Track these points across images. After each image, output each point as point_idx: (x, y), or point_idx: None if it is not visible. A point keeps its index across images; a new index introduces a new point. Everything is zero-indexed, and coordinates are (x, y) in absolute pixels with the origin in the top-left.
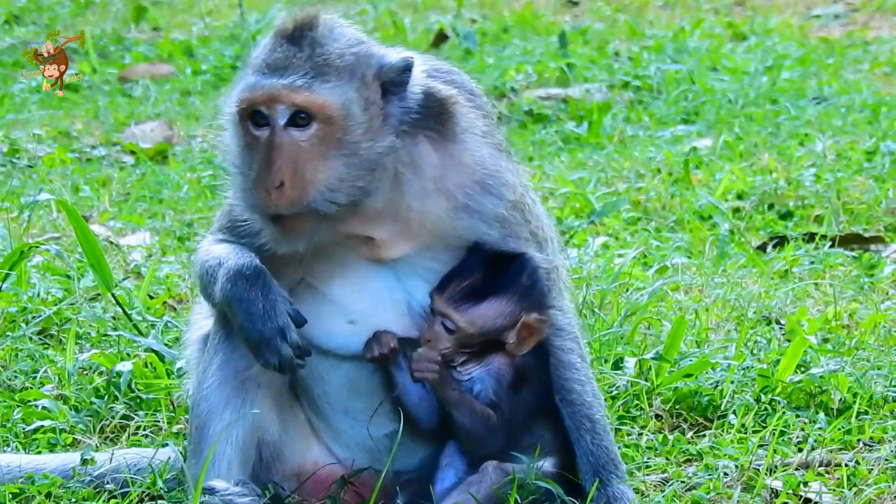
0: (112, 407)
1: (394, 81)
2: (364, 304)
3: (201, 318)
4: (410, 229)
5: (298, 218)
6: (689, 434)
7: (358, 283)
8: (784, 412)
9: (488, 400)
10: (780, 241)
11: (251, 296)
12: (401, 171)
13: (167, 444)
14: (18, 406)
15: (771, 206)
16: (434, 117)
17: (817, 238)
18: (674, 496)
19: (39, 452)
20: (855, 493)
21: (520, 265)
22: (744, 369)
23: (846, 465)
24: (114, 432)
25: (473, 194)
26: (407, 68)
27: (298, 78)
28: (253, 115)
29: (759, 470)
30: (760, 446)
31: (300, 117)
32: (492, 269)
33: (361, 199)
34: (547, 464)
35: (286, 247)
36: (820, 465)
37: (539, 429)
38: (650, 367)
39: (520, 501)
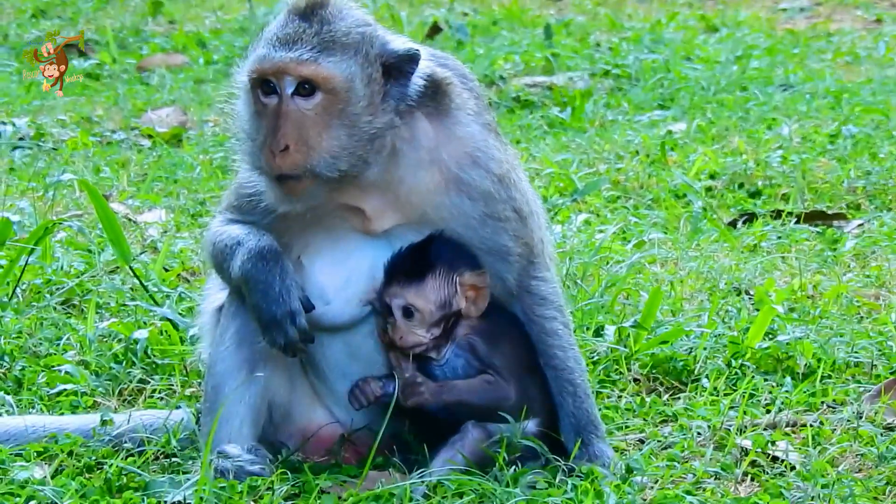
0: (130, 372)
1: (396, 66)
2: (340, 277)
3: (214, 291)
4: (399, 202)
5: (301, 180)
6: (665, 397)
7: (341, 255)
8: (753, 376)
9: (475, 367)
10: (750, 218)
11: (269, 278)
12: (399, 145)
13: (180, 406)
14: (43, 371)
15: (741, 186)
16: (430, 96)
17: (784, 215)
18: (651, 454)
19: (62, 414)
20: (819, 451)
21: (432, 241)
22: (716, 336)
23: (811, 426)
24: (131, 395)
25: (464, 166)
26: (413, 59)
27: (306, 52)
28: (263, 85)
29: (730, 430)
30: (731, 408)
31: (305, 87)
32: (416, 256)
33: (360, 169)
34: (531, 424)
35: (287, 206)
36: (787, 426)
37: (528, 389)
38: (629, 334)
39: (507, 458)
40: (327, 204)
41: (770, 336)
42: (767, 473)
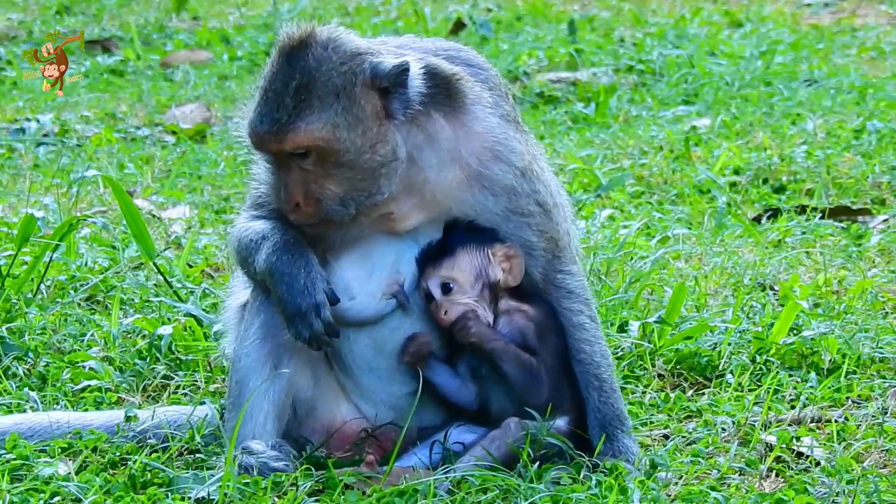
0: (154, 368)
1: (392, 83)
2: (365, 272)
3: (239, 287)
4: (424, 201)
5: (318, 225)
6: (690, 392)
7: (366, 250)
8: (778, 372)
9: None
10: (774, 213)
11: (294, 270)
12: (418, 148)
13: (204, 402)
14: (67, 367)
15: (765, 181)
16: (443, 94)
17: (808, 210)
18: (675, 450)
19: (86, 410)
20: (844, 447)
21: (455, 226)
22: (740, 332)
23: (836, 421)
24: (155, 391)
25: (484, 161)
26: (403, 71)
27: (284, 123)
28: None
29: (754, 425)
30: (756, 403)
31: (296, 151)
32: (442, 241)
33: (376, 197)
34: (561, 421)
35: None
36: (811, 421)
37: (561, 388)
38: (653, 330)
39: (532, 455)
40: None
41: (795, 332)
42: (792, 469)
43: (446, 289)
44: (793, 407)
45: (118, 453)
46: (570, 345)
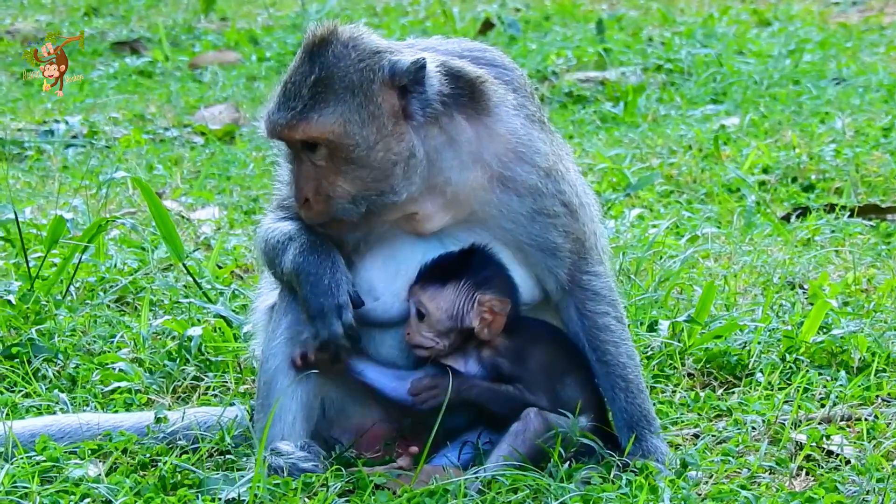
0: (183, 369)
1: (410, 81)
2: (390, 273)
3: (267, 289)
4: (448, 203)
5: (329, 225)
6: (720, 391)
7: (391, 251)
8: (807, 370)
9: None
10: (803, 212)
11: (320, 271)
12: (438, 149)
13: (234, 404)
14: (97, 369)
15: (794, 180)
16: (467, 96)
17: (837, 209)
18: (706, 449)
19: (116, 411)
20: (874, 446)
21: (472, 252)
22: (770, 331)
23: (866, 420)
24: (185, 392)
25: (508, 163)
26: (420, 68)
27: (298, 112)
28: None
29: (784, 424)
30: (786, 402)
31: (308, 143)
32: (448, 263)
33: (391, 198)
34: (583, 419)
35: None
36: (841, 420)
37: (573, 385)
38: (683, 329)
39: (563, 455)
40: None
41: (824, 330)
42: (822, 468)
43: (420, 315)
44: (822, 405)
45: (148, 455)
46: (596, 347)
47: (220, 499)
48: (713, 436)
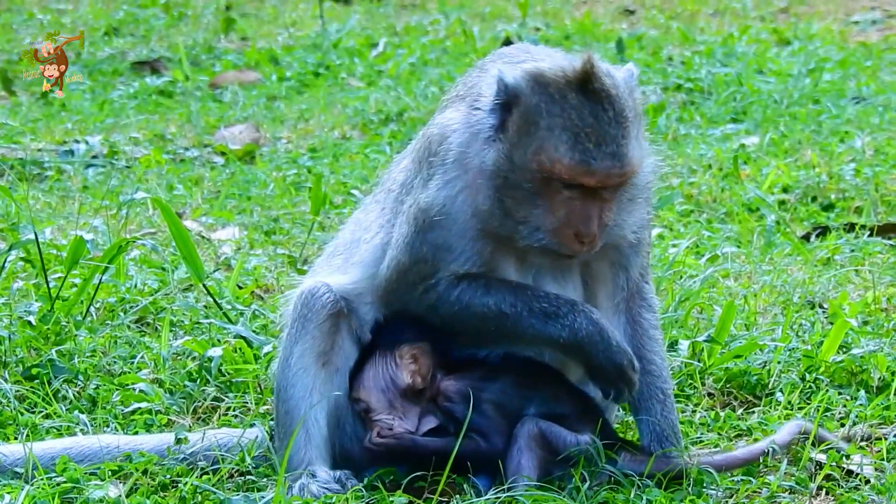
0: (204, 390)
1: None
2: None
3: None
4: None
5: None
6: (740, 411)
7: (559, 277)
8: (827, 390)
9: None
10: (823, 231)
11: (605, 334)
12: None
13: (255, 424)
14: (117, 389)
15: (814, 199)
16: None
17: (857, 228)
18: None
19: (137, 432)
20: (894, 466)
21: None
22: (790, 350)
23: (886, 439)
24: (205, 413)
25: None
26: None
27: (623, 157)
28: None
29: (804, 444)
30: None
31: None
32: (370, 343)
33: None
34: (585, 437)
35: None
36: (861, 440)
37: (565, 401)
38: (703, 348)
39: (587, 478)
40: None
41: (844, 349)
42: (842, 487)
43: (364, 410)
44: (842, 425)
45: (169, 476)
46: (642, 354)
47: None
48: None
